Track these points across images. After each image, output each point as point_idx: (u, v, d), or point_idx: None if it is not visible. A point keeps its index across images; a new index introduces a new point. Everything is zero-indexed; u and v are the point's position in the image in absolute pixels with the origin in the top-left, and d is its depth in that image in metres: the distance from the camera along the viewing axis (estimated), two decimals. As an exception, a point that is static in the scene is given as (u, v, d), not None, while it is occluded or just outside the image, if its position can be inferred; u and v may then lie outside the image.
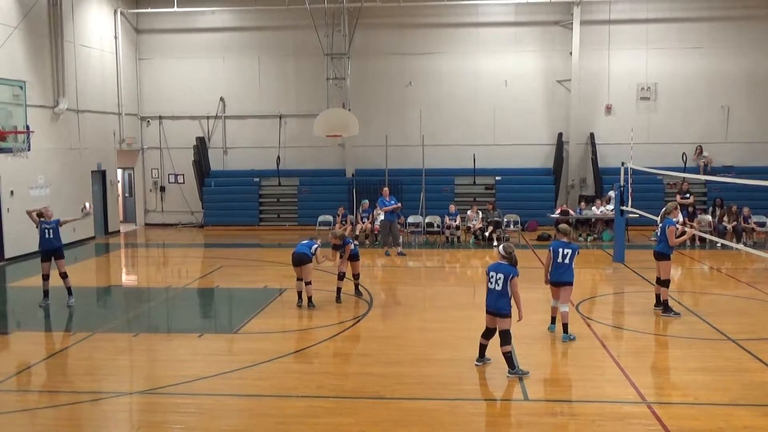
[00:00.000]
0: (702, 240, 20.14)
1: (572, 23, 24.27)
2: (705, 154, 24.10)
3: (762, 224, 21.26)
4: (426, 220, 22.47)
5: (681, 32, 24.56)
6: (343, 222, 21.73)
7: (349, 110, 24.23)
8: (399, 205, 19.88)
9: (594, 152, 24.61)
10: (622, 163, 18.04)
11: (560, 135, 24.94)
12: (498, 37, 25.17)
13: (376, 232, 20.99)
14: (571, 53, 24.44)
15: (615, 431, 7.53)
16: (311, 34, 24.30)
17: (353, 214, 22.41)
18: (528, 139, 25.19)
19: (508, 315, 9.16)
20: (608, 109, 25.00)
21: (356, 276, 13.99)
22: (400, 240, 19.94)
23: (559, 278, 10.93)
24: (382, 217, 19.89)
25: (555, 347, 10.77)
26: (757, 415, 7.85)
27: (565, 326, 10.84)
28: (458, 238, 21.47)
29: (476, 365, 9.55)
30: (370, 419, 7.93)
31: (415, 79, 25.41)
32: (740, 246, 17.63)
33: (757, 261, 17.69)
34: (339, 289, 13.55)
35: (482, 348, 9.59)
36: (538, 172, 25.25)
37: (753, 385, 8.87)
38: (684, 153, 24.00)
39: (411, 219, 22.30)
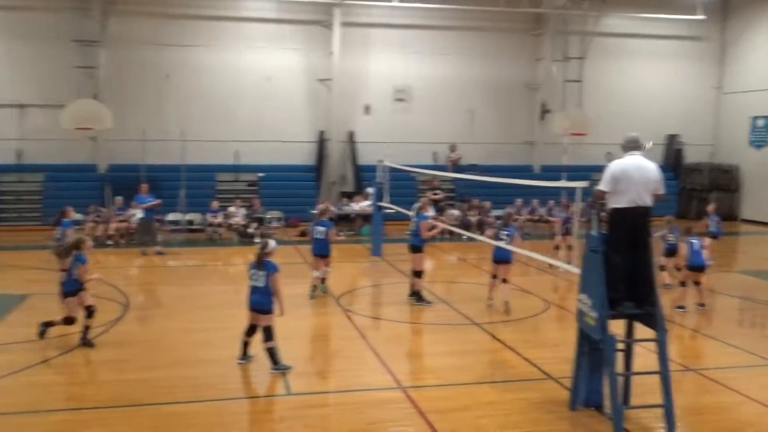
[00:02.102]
0: (451, 233, 21.68)
1: (333, 24, 24.90)
2: (457, 152, 25.98)
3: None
4: (187, 218, 21.80)
5: (433, 39, 26.23)
6: (96, 220, 20.35)
7: (102, 101, 22.77)
8: (157, 202, 19.08)
9: (353, 150, 25.47)
10: (380, 161, 18.91)
11: (322, 133, 25.49)
12: (260, 32, 25.10)
13: (132, 230, 19.98)
14: (332, 53, 25.06)
15: (374, 417, 7.87)
16: (58, 17, 22.43)
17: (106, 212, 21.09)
18: (290, 136, 25.42)
19: (270, 311, 9.20)
20: (367, 108, 26.01)
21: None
22: (159, 238, 19.18)
23: (320, 251, 13.42)
24: (139, 214, 18.97)
25: (316, 341, 11.02)
26: (499, 391, 8.64)
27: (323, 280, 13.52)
28: (221, 235, 21.13)
29: (239, 363, 9.48)
30: (129, 428, 7.55)
31: (174, 71, 24.49)
32: (483, 238, 19.23)
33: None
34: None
35: (245, 345, 9.55)
36: (300, 169, 25.56)
37: (495, 364, 9.77)
38: (434, 152, 25.67)
39: (170, 216, 21.53)
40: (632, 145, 7.75)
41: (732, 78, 28.19)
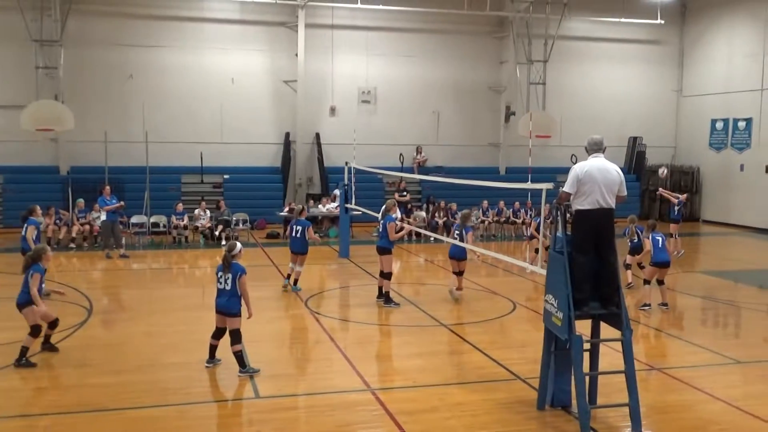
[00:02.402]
0: (417, 234, 21.74)
1: (297, 25, 24.81)
2: (422, 154, 26.06)
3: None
4: (151, 220, 21.51)
5: (398, 41, 26.30)
6: (57, 222, 19.98)
7: (63, 102, 22.39)
8: (121, 204, 18.80)
9: (320, 152, 25.41)
10: (346, 163, 18.89)
11: (287, 134, 25.39)
12: (224, 34, 24.91)
13: (96, 233, 19.67)
14: (296, 54, 24.96)
15: (343, 419, 7.85)
16: (17, 17, 21.99)
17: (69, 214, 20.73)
18: (256, 137, 25.28)
19: (238, 314, 9.13)
20: (332, 110, 25.97)
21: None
22: (123, 241, 18.92)
23: (298, 249, 14.08)
24: (103, 217, 18.67)
25: (284, 343, 10.96)
26: (467, 392, 8.67)
27: (296, 281, 14.15)
28: (186, 238, 20.91)
29: (207, 366, 9.39)
30: (93, 434, 7.43)
31: (137, 72, 24.18)
32: (450, 239, 19.31)
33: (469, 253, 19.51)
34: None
35: (212, 349, 9.45)
36: (266, 171, 25.43)
37: (463, 365, 9.80)
38: (401, 153, 25.73)
39: (135, 219, 21.23)
40: (596, 148, 7.85)
41: (691, 81, 28.74)
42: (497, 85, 27.33)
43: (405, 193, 24.01)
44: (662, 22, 27.13)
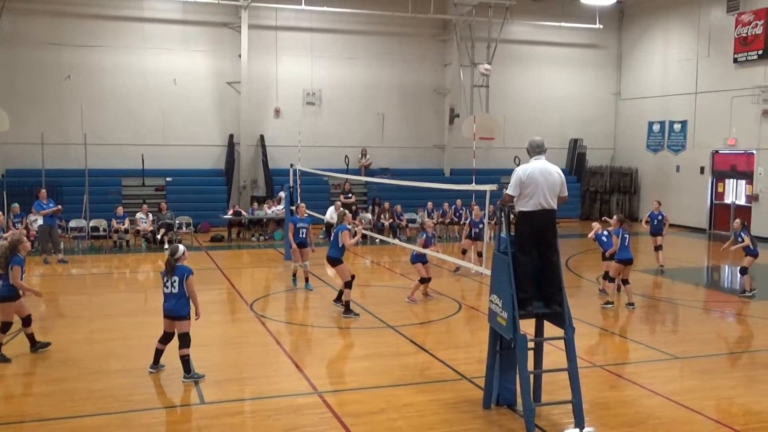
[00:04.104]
0: (364, 237, 21.75)
1: (241, 26, 24.57)
2: (367, 157, 26.10)
3: (413, 221, 23.66)
4: (91, 224, 21.03)
5: (342, 43, 26.31)
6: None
7: (-3, 103, 21.73)
8: (59, 207, 18.31)
9: (264, 154, 25.22)
10: (291, 165, 18.80)
11: (231, 136, 25.12)
12: (165, 34, 24.52)
13: (32, 238, 19.10)
14: (240, 56, 24.73)
15: (291, 423, 7.80)
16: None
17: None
18: (199, 139, 24.95)
19: (186, 317, 9.00)
20: (277, 112, 25.81)
21: None
22: (61, 246, 18.45)
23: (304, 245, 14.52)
24: (39, 221, 18.17)
25: (230, 348, 10.83)
26: (414, 393, 8.71)
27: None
28: (127, 242, 20.49)
29: (150, 372, 9.21)
30: (31, 444, 7.23)
31: (75, 72, 23.62)
32: (396, 241, 19.47)
33: (409, 254, 19.61)
34: None
35: (158, 353, 9.29)
36: (209, 173, 25.13)
37: (409, 367, 9.84)
38: (346, 155, 25.73)
39: (73, 223, 20.73)
40: (537, 150, 7.98)
41: (629, 85, 29.50)
42: (441, 87, 27.58)
43: (350, 195, 24.01)
44: (601, 27, 27.78)
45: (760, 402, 8.57)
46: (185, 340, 9.01)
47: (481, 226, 17.03)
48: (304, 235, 14.55)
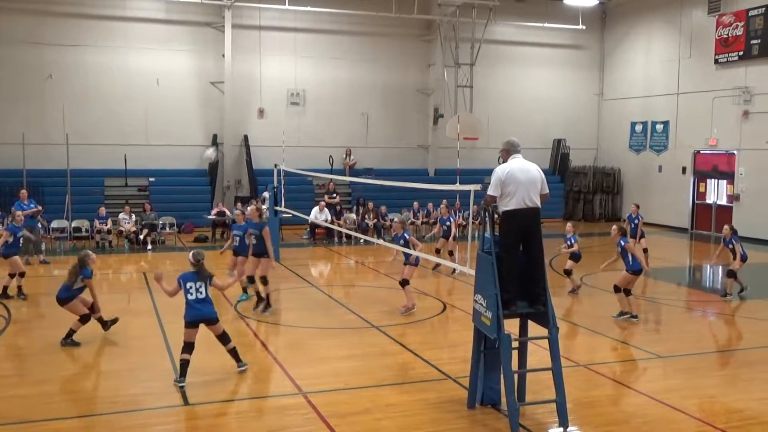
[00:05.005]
0: (348, 236, 21.74)
1: (224, 26, 24.47)
2: (352, 157, 26.08)
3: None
4: (73, 225, 20.86)
5: (326, 43, 26.26)
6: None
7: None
8: (40, 208, 18.15)
9: (248, 154, 25.12)
10: (275, 165, 18.74)
11: (215, 136, 25.02)
12: (148, 33, 24.36)
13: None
14: (224, 55, 24.62)
15: (275, 424, 7.78)
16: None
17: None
18: (182, 139, 24.81)
19: (218, 317, 9.23)
20: (261, 112, 25.72)
21: None
22: (43, 247, 18.28)
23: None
24: (20, 222, 17.97)
25: (213, 348, 10.76)
26: (397, 393, 8.72)
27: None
28: (110, 242, 20.35)
29: (181, 385, 8.75)
30: (13, 447, 7.15)
31: (56, 72, 23.40)
32: (380, 241, 19.45)
33: (395, 254, 19.63)
34: None
35: (186, 365, 8.88)
36: (193, 173, 25.01)
37: (394, 367, 9.85)
38: (331, 156, 25.70)
39: (55, 224, 20.54)
40: (514, 149, 8.04)
41: (611, 85, 29.68)
42: (425, 87, 27.61)
43: (335, 195, 23.98)
44: (584, 27, 27.93)
45: (742, 400, 8.65)
46: (227, 336, 9.29)
47: (448, 223, 17.20)
48: (238, 243, 13.35)
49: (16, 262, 13.79)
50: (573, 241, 14.65)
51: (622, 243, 12.44)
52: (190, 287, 8.98)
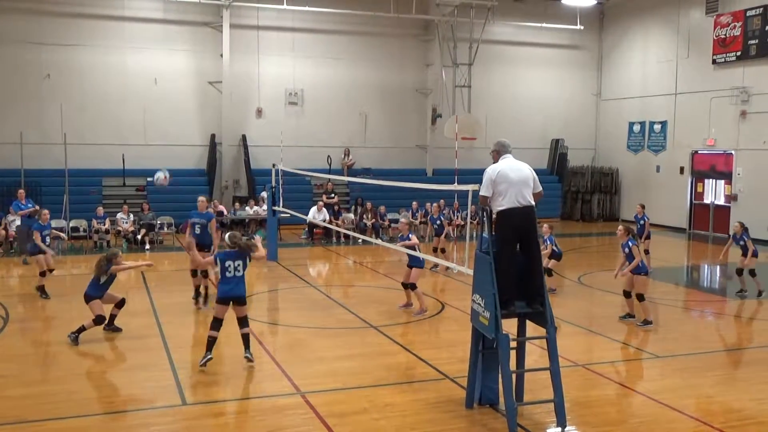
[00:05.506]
0: (346, 236, 21.74)
1: (222, 26, 24.45)
2: (350, 157, 26.09)
3: (396, 221, 23.63)
4: (71, 224, 20.84)
5: (324, 43, 26.26)
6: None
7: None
8: (36, 208, 18.09)
9: (246, 154, 25.11)
10: (273, 165, 18.73)
11: (213, 136, 25.01)
12: (146, 33, 24.35)
13: (11, 239, 18.92)
14: (222, 55, 24.61)
15: (273, 424, 7.78)
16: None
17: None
18: (180, 139, 24.80)
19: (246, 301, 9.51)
20: (259, 112, 25.72)
21: None
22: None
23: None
24: (18, 222, 17.98)
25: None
26: (396, 393, 8.72)
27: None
28: (108, 242, 20.33)
29: (207, 361, 9.34)
30: (10, 447, 7.15)
31: (54, 71, 23.38)
32: (378, 241, 19.46)
33: (392, 254, 19.61)
34: None
35: (213, 342, 9.42)
36: (191, 173, 24.98)
37: (392, 367, 9.85)
38: (329, 155, 25.69)
39: (53, 223, 20.44)
40: (504, 150, 8.06)
41: (609, 85, 29.70)
42: (423, 87, 27.61)
43: (333, 195, 23.98)
44: (582, 28, 27.95)
45: (739, 400, 8.66)
46: (247, 320, 9.52)
47: (439, 222, 17.28)
48: (199, 231, 13.20)
49: (41, 260, 14.15)
50: (549, 242, 14.57)
51: (630, 245, 12.22)
52: (229, 265, 9.32)
